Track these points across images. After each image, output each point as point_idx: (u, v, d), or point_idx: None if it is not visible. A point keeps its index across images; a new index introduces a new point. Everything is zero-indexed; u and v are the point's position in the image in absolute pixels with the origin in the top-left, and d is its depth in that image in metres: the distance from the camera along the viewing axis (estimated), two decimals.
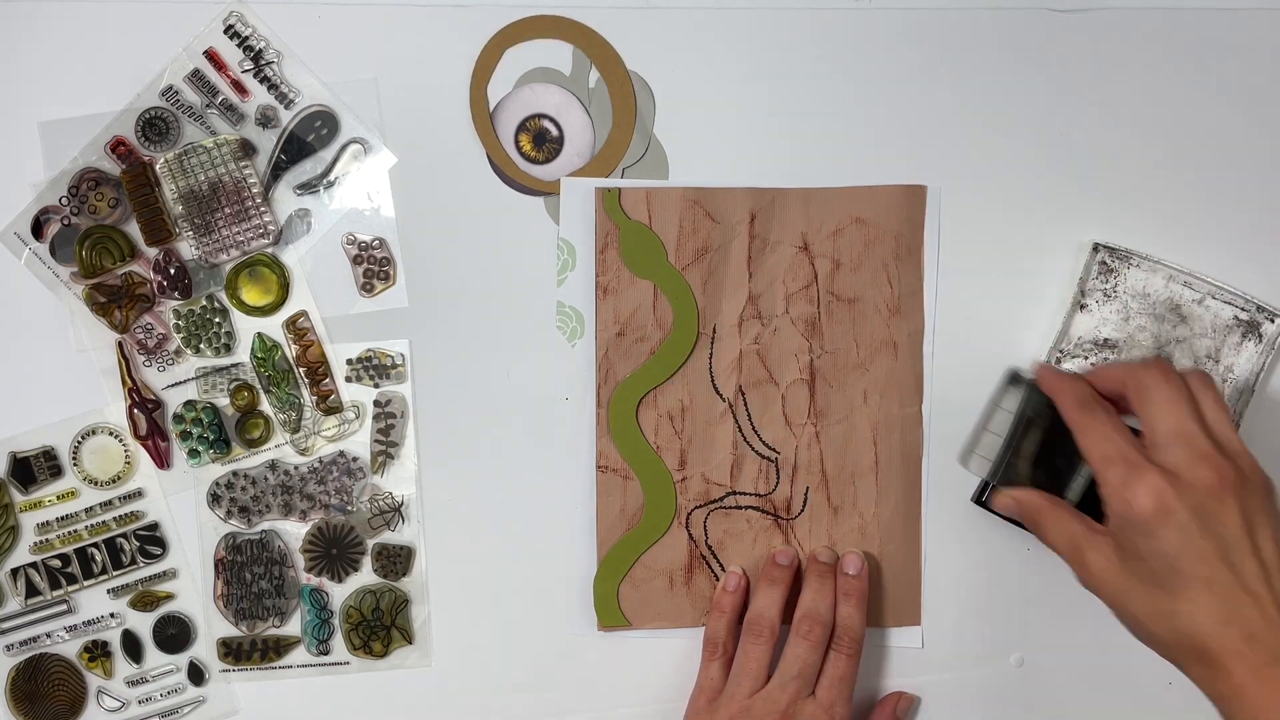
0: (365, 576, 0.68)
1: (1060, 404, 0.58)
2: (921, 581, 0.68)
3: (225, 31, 0.65)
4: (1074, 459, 0.60)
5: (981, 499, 0.66)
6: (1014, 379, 0.63)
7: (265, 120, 0.66)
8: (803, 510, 0.67)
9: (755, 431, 0.67)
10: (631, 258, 0.66)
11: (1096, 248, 0.66)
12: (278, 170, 0.66)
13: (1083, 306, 0.66)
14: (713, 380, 0.67)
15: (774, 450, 0.67)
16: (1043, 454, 0.61)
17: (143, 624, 0.67)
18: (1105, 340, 0.66)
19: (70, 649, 0.67)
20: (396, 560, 0.68)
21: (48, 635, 0.67)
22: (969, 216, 0.67)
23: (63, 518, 0.67)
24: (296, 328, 0.67)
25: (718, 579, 0.68)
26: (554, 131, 0.67)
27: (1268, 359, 0.66)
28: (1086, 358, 0.66)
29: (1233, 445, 0.54)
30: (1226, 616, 0.50)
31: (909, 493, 0.68)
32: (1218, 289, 0.66)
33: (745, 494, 0.68)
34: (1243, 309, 0.66)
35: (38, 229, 0.65)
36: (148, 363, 0.66)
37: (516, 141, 0.67)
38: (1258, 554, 0.51)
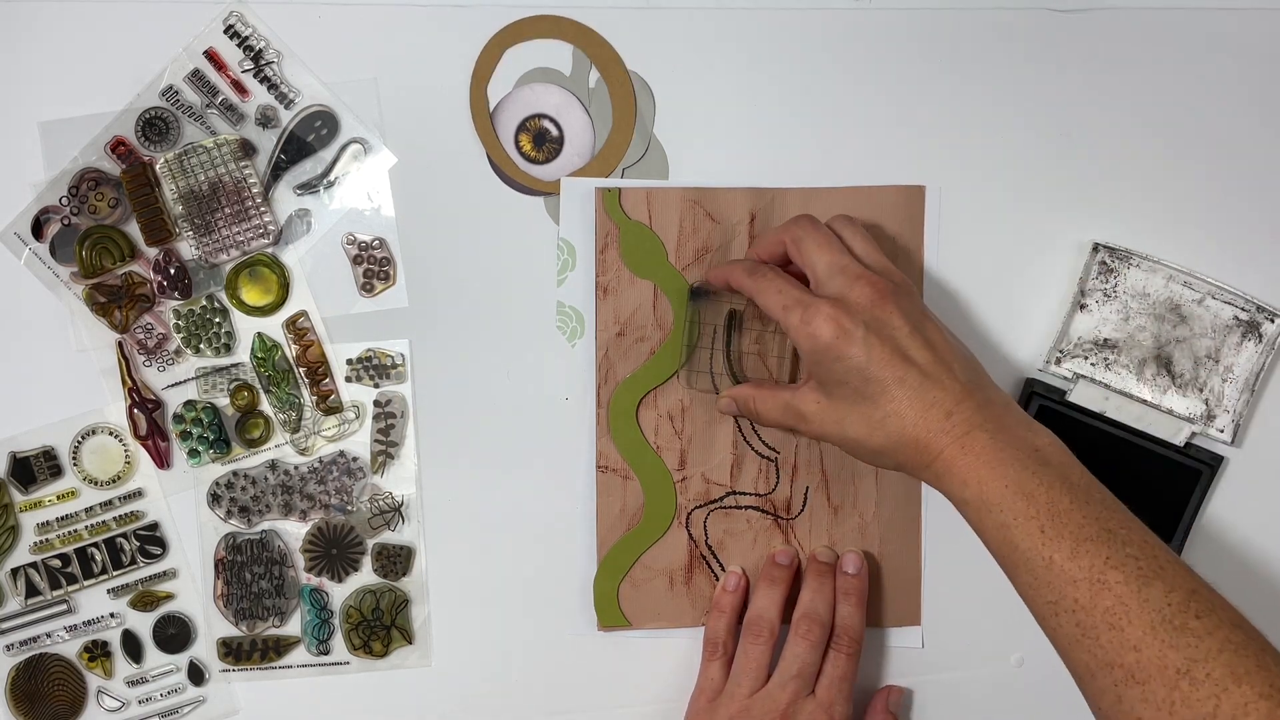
0: (365, 576, 0.68)
1: (734, 282, 0.62)
2: (921, 581, 0.68)
3: (225, 31, 0.65)
4: (768, 339, 0.65)
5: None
6: (696, 293, 0.65)
7: (265, 120, 0.66)
8: (803, 510, 0.67)
9: (755, 431, 0.67)
10: (632, 258, 0.66)
11: (1096, 247, 0.66)
12: (278, 170, 0.66)
13: (1082, 306, 0.66)
14: (713, 381, 0.67)
15: (774, 450, 0.67)
16: (745, 349, 0.65)
17: (143, 624, 0.67)
18: (1105, 340, 0.66)
19: (70, 649, 0.67)
20: (396, 560, 0.68)
21: (48, 635, 0.67)
22: (969, 216, 0.67)
23: (63, 518, 0.67)
24: (296, 328, 0.67)
25: (718, 579, 0.68)
26: (554, 131, 0.67)
27: (1268, 359, 0.66)
28: (1086, 357, 0.66)
29: (881, 264, 0.59)
30: (923, 404, 0.55)
31: (908, 492, 0.68)
32: (1218, 289, 0.66)
33: (745, 494, 0.68)
34: (1242, 309, 0.66)
35: (38, 229, 0.65)
36: (148, 363, 0.66)
37: (516, 141, 0.67)
38: (929, 345, 0.56)
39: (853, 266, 0.58)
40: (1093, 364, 0.66)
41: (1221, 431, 0.66)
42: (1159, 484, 0.66)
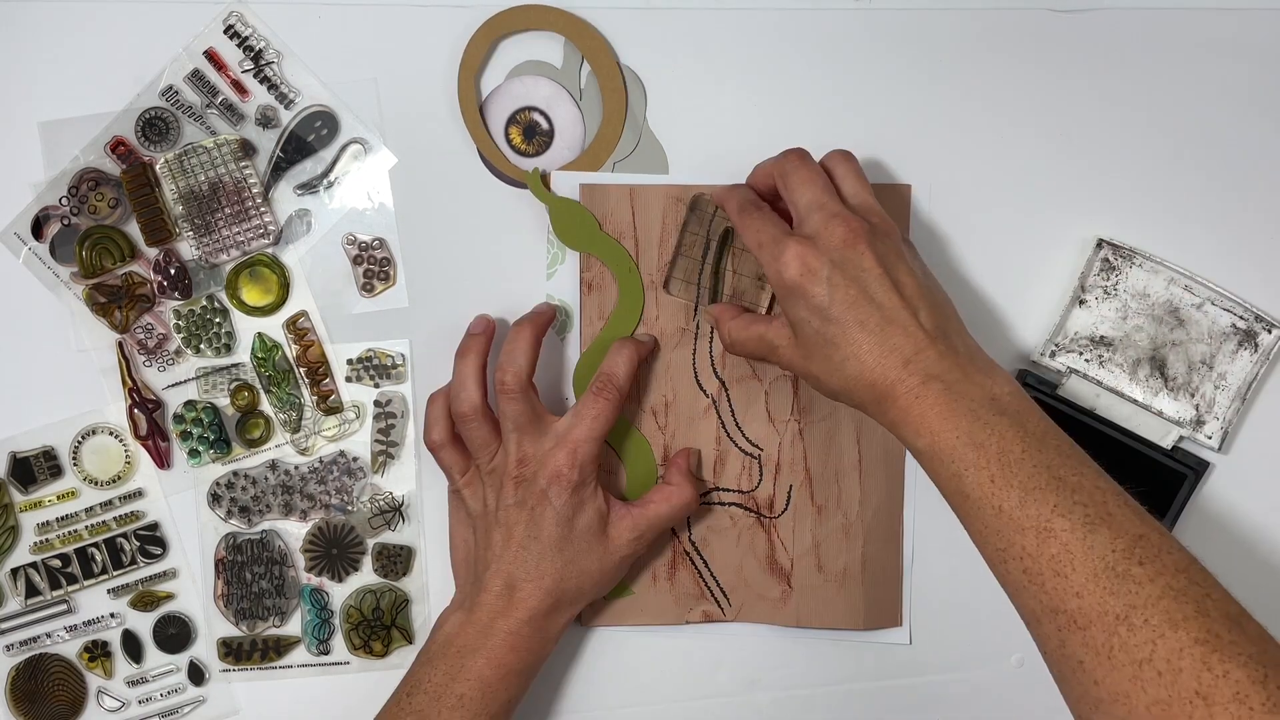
0: (365, 576, 0.68)
1: (727, 210, 0.62)
2: (903, 582, 0.68)
3: (225, 31, 0.65)
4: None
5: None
6: (696, 204, 0.66)
7: (265, 120, 0.66)
8: (786, 509, 0.67)
9: (739, 428, 0.67)
10: (565, 233, 0.66)
11: (1100, 244, 0.66)
12: (278, 170, 0.66)
13: (1082, 302, 0.66)
14: (696, 376, 0.67)
15: (757, 447, 0.67)
16: (735, 269, 0.66)
17: (143, 624, 0.67)
18: (1101, 338, 0.66)
19: (70, 649, 0.67)
20: (396, 560, 0.68)
21: (48, 635, 0.67)
22: (969, 215, 0.67)
23: (63, 518, 0.67)
24: (297, 328, 0.67)
25: (701, 576, 0.68)
26: (544, 125, 0.67)
27: (1262, 368, 0.66)
28: (1081, 353, 0.66)
29: (866, 204, 0.59)
30: (883, 348, 0.55)
31: (891, 492, 0.68)
32: (1218, 295, 0.66)
33: (728, 490, 0.67)
34: (1241, 316, 0.66)
35: (38, 229, 0.65)
36: (148, 363, 0.66)
37: (506, 134, 0.67)
38: (898, 288, 0.55)
39: (831, 204, 0.57)
40: (1087, 360, 0.66)
41: (1210, 438, 0.66)
42: (1143, 485, 0.66)
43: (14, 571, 0.67)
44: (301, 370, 0.67)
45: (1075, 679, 0.49)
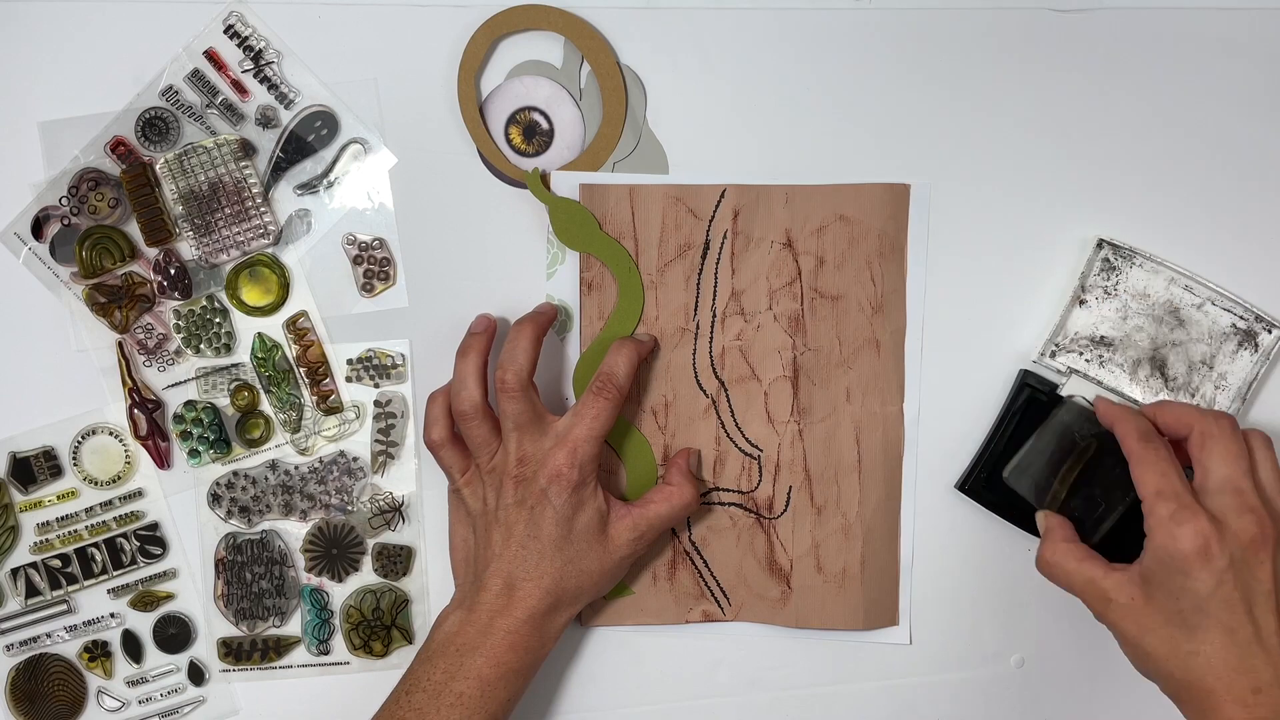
0: (365, 576, 0.68)
1: (1120, 433, 0.59)
2: (899, 583, 0.68)
3: (225, 31, 0.65)
4: (1111, 494, 0.61)
5: (965, 486, 0.66)
6: (1069, 405, 0.64)
7: (265, 120, 0.66)
8: (785, 509, 0.67)
9: (739, 428, 0.67)
10: (565, 233, 0.66)
11: (1101, 244, 0.66)
12: (278, 170, 0.66)
13: (1082, 302, 0.66)
14: (696, 376, 0.67)
15: (757, 448, 0.67)
16: (1080, 481, 0.62)
17: (143, 624, 0.67)
18: (1102, 338, 0.66)
19: (70, 649, 0.67)
20: (396, 560, 0.68)
21: (48, 635, 0.67)
22: (969, 215, 0.67)
23: (63, 518, 0.67)
24: (297, 328, 0.67)
25: (701, 576, 0.68)
26: (544, 124, 0.67)
27: (1261, 369, 0.66)
28: (1081, 353, 0.66)
29: (1277, 504, 0.56)
30: (1240, 665, 0.53)
31: (890, 493, 0.68)
32: (1218, 295, 0.65)
33: (728, 490, 0.67)
34: (1241, 317, 0.66)
35: (38, 229, 0.65)
36: (148, 363, 0.66)
37: (506, 134, 0.67)
38: (1278, 612, 0.54)
39: (1250, 495, 0.55)
40: (1087, 360, 0.66)
41: None
42: None
43: (14, 571, 0.67)
44: (301, 370, 0.67)
45: None
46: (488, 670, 0.59)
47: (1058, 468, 0.63)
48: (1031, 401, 0.66)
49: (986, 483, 0.66)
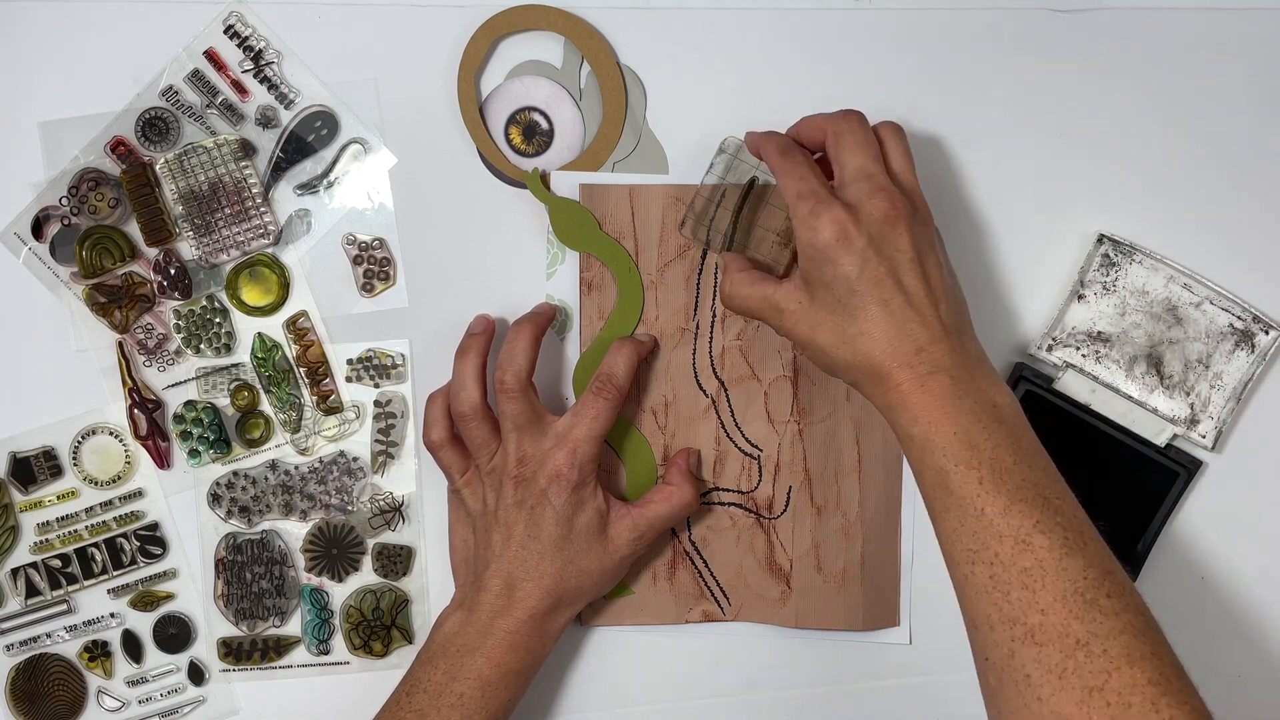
0: (365, 576, 0.68)
1: (764, 153, 0.61)
2: (899, 583, 0.68)
3: (225, 31, 0.65)
4: (776, 218, 0.63)
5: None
6: (724, 146, 0.64)
7: (265, 120, 0.66)
8: (785, 509, 0.67)
9: (739, 428, 0.67)
10: (565, 233, 0.66)
11: (1101, 239, 0.66)
12: (278, 170, 0.66)
13: (1080, 296, 0.66)
14: (695, 376, 0.67)
15: (757, 448, 0.67)
16: (757, 222, 0.64)
17: (143, 624, 0.67)
18: (1099, 333, 0.66)
19: (70, 649, 0.67)
20: (396, 560, 0.68)
21: (48, 635, 0.67)
22: (970, 210, 0.67)
23: (63, 518, 0.67)
24: (297, 328, 0.67)
25: (700, 576, 0.68)
26: (544, 124, 0.67)
27: (1258, 369, 0.66)
28: (1078, 348, 0.66)
29: (909, 183, 0.59)
30: (900, 332, 0.55)
31: (890, 493, 0.68)
32: (1217, 294, 0.66)
33: (728, 490, 0.67)
34: (1239, 317, 0.66)
35: (38, 229, 0.65)
36: (148, 363, 0.66)
37: (506, 134, 0.67)
38: (925, 278, 0.56)
39: (880, 177, 0.57)
40: (1084, 355, 0.66)
41: (1204, 436, 0.66)
42: (1136, 482, 0.66)
43: (14, 571, 0.67)
44: (301, 370, 0.67)
45: (1016, 691, 0.49)
46: (488, 671, 0.60)
47: (731, 212, 0.64)
48: (1028, 396, 0.66)
49: None
